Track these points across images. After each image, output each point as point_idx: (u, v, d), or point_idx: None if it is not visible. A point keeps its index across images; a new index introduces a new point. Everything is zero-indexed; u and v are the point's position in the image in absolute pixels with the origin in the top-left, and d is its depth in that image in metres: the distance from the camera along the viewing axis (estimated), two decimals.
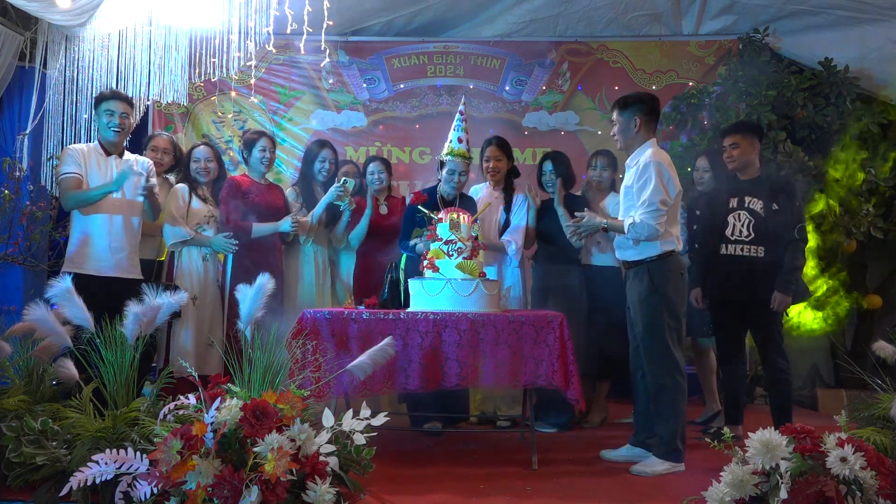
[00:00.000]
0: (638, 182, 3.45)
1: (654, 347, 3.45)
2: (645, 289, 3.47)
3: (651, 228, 3.38)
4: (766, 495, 2.23)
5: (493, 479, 3.22)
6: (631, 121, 3.59)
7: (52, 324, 2.79)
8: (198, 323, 4.14)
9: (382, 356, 2.88)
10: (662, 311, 3.45)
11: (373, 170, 4.64)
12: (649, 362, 3.48)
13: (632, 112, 3.60)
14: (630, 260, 3.55)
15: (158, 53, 4.65)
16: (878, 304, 5.59)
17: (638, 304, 3.50)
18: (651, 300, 3.46)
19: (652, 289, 3.45)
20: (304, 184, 4.56)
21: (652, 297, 3.45)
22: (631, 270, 3.56)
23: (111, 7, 4.46)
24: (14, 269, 4.87)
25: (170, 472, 2.20)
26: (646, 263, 3.48)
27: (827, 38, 5.45)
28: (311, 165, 4.57)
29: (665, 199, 3.38)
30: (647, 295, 3.46)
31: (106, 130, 3.85)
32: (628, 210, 3.54)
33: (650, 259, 3.47)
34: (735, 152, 4.00)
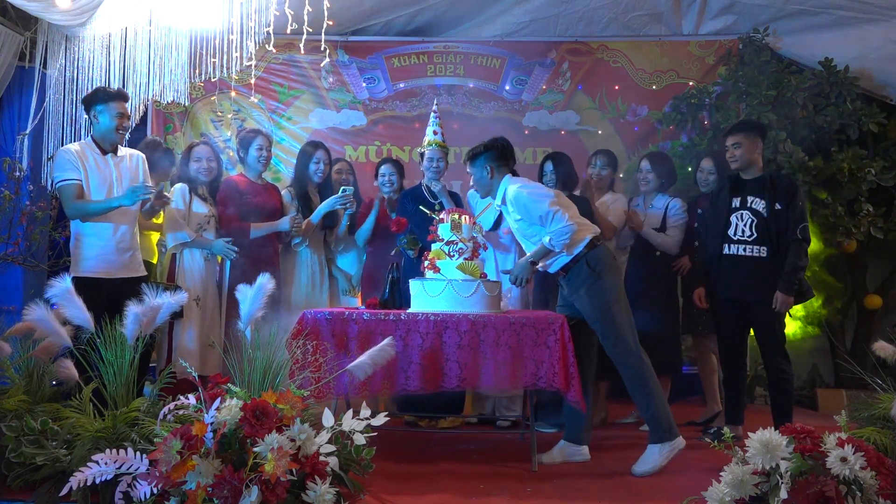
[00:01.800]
0: (521, 214, 3.59)
1: (610, 334, 3.50)
2: (586, 279, 3.53)
3: (566, 228, 3.48)
4: (766, 495, 2.23)
5: (493, 479, 3.22)
6: (483, 169, 3.72)
7: (52, 324, 2.80)
8: (200, 323, 4.14)
9: (382, 357, 2.89)
10: (608, 294, 3.51)
11: (384, 172, 4.63)
12: (610, 351, 3.52)
13: (481, 163, 3.73)
14: (566, 264, 3.59)
15: (158, 53, 4.64)
16: (878, 304, 5.59)
17: (586, 296, 3.53)
18: (595, 288, 3.52)
19: (594, 277, 3.52)
20: (299, 185, 4.56)
21: (595, 284, 3.52)
22: (569, 273, 3.60)
23: (111, 7, 4.46)
24: (14, 269, 4.87)
25: (170, 472, 2.20)
26: (581, 257, 3.54)
27: (827, 38, 5.45)
28: (305, 167, 4.56)
29: (552, 200, 3.53)
30: (591, 284, 3.52)
31: (112, 133, 3.77)
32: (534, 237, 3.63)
33: (582, 251, 3.54)
34: (738, 151, 3.99)
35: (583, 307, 3.57)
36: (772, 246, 3.90)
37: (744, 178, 4.05)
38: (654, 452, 3.42)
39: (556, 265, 3.64)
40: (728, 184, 4.10)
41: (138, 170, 3.93)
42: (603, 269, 3.53)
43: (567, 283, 3.64)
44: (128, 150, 3.96)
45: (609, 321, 3.50)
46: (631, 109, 5.90)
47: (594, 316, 3.54)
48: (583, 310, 3.58)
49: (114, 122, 3.76)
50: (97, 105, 3.78)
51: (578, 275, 3.55)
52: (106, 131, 3.78)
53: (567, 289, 3.66)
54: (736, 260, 3.97)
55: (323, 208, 4.39)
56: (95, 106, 3.78)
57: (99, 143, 3.81)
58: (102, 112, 3.77)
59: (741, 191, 4.02)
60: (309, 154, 4.58)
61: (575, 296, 3.60)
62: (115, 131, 3.78)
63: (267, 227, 4.30)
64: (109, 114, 3.76)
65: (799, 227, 3.85)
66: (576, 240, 3.53)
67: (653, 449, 3.43)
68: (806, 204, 3.96)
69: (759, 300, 3.90)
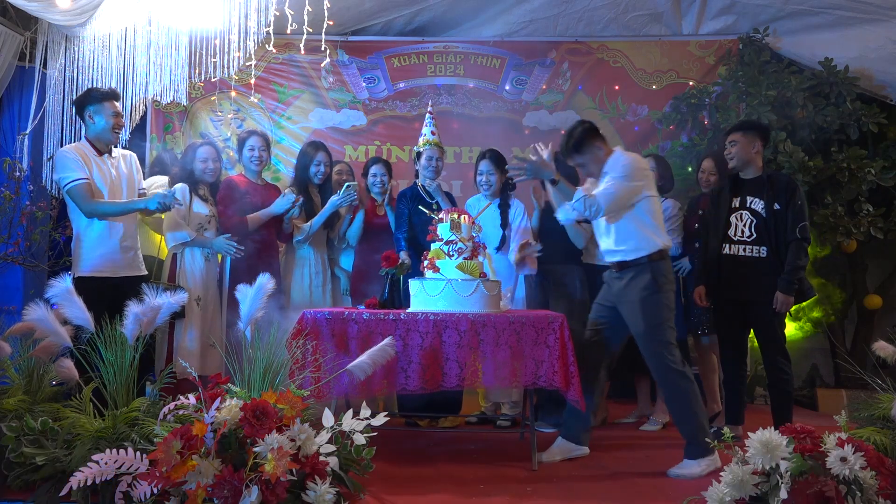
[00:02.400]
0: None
1: (659, 347, 3.42)
2: (646, 289, 3.43)
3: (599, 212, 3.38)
4: (766, 495, 2.23)
5: (493, 479, 3.22)
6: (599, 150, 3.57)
7: (51, 324, 2.79)
8: (202, 323, 4.14)
9: (382, 356, 2.89)
10: (663, 311, 3.43)
11: (375, 172, 4.65)
12: (655, 364, 3.45)
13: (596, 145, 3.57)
14: (627, 259, 3.50)
15: (158, 53, 4.64)
16: (878, 304, 5.59)
17: (639, 307, 3.44)
18: (652, 301, 3.42)
19: (654, 289, 3.42)
20: (300, 187, 4.55)
21: (653, 297, 3.42)
22: (627, 270, 3.50)
23: (111, 7, 4.46)
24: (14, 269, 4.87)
25: (170, 472, 2.20)
26: (646, 262, 3.44)
27: (827, 38, 5.45)
28: (305, 169, 4.56)
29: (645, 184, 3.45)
30: (649, 295, 3.43)
31: (108, 133, 3.77)
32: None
33: (650, 257, 3.44)
34: (733, 149, 3.99)
35: (632, 315, 3.48)
36: (771, 246, 3.90)
37: (743, 178, 4.04)
38: (690, 465, 3.36)
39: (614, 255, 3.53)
40: (728, 184, 4.10)
41: (133, 169, 3.94)
42: (664, 282, 3.44)
43: (619, 283, 3.53)
44: (120, 150, 3.96)
45: (658, 337, 3.42)
46: (631, 109, 5.90)
47: (644, 329, 3.44)
48: (631, 317, 3.49)
49: (109, 122, 3.76)
50: (90, 106, 3.76)
51: (638, 282, 3.44)
52: (102, 131, 3.78)
53: (616, 288, 3.55)
54: (736, 260, 3.97)
55: (327, 210, 4.39)
56: (88, 107, 3.77)
57: (94, 144, 3.80)
58: (97, 112, 3.76)
59: (740, 191, 4.02)
60: (309, 155, 4.58)
61: (625, 300, 3.49)
62: (111, 131, 3.78)
63: (263, 214, 4.31)
64: (104, 114, 3.76)
65: (798, 227, 3.84)
66: (646, 239, 3.44)
67: (689, 463, 3.37)
68: (805, 203, 3.95)
69: (759, 300, 3.90)
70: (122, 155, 3.93)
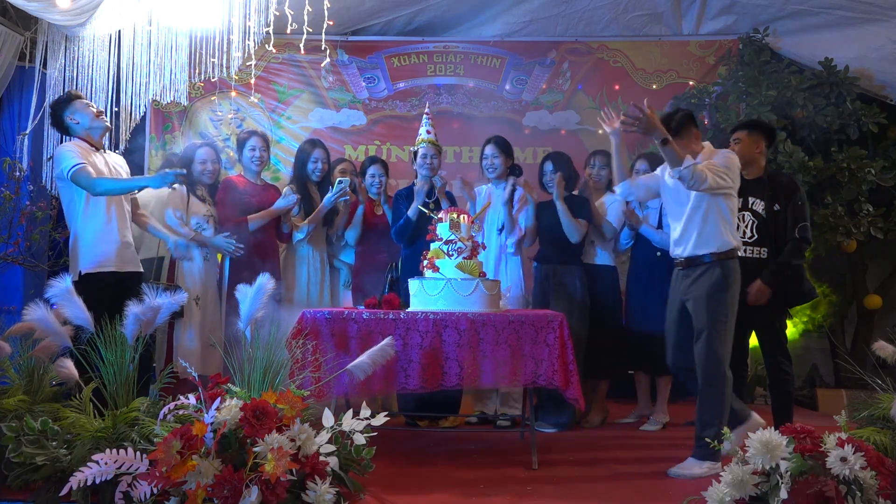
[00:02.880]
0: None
1: (714, 345, 3.39)
2: (714, 285, 3.41)
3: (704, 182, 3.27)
4: (766, 495, 2.22)
5: (493, 479, 3.22)
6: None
7: (51, 324, 2.80)
8: (201, 323, 4.14)
9: (382, 356, 2.89)
10: (727, 308, 3.42)
11: (373, 172, 4.66)
12: (705, 360, 3.40)
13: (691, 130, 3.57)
14: (696, 255, 3.46)
15: (158, 53, 4.64)
16: (878, 304, 5.59)
17: (704, 299, 3.41)
18: (718, 298, 3.41)
19: (722, 286, 3.40)
20: (299, 184, 4.57)
21: (720, 294, 3.41)
22: (697, 267, 3.46)
23: (111, 7, 4.46)
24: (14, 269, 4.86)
25: (170, 472, 2.20)
26: (717, 260, 3.42)
27: (827, 38, 5.45)
28: (304, 166, 4.58)
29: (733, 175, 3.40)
30: (716, 292, 3.41)
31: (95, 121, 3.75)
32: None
33: (721, 254, 3.43)
34: (736, 147, 3.97)
35: (697, 309, 3.46)
36: (772, 247, 3.90)
37: (744, 178, 4.03)
38: (692, 464, 3.34)
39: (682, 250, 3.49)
40: None
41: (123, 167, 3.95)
42: (732, 281, 3.44)
43: (687, 279, 3.51)
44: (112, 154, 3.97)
45: (716, 334, 3.40)
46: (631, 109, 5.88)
47: (706, 323, 3.41)
48: (696, 311, 3.46)
49: (90, 113, 3.74)
50: (65, 112, 3.74)
51: (707, 278, 3.42)
52: (89, 125, 3.75)
53: (684, 284, 3.53)
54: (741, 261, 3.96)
55: (324, 207, 4.40)
56: (64, 113, 3.74)
57: (87, 141, 3.77)
58: (74, 112, 3.73)
59: (742, 191, 4.01)
60: (307, 153, 4.60)
61: (693, 296, 3.47)
62: (96, 119, 3.75)
63: (264, 214, 4.32)
64: (80, 110, 3.73)
65: (798, 227, 3.83)
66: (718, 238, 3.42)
67: (692, 462, 3.35)
68: (806, 204, 3.94)
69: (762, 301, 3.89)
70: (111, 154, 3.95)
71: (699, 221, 3.44)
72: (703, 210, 3.43)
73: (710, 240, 3.42)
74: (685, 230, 3.49)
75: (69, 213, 3.78)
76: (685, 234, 3.49)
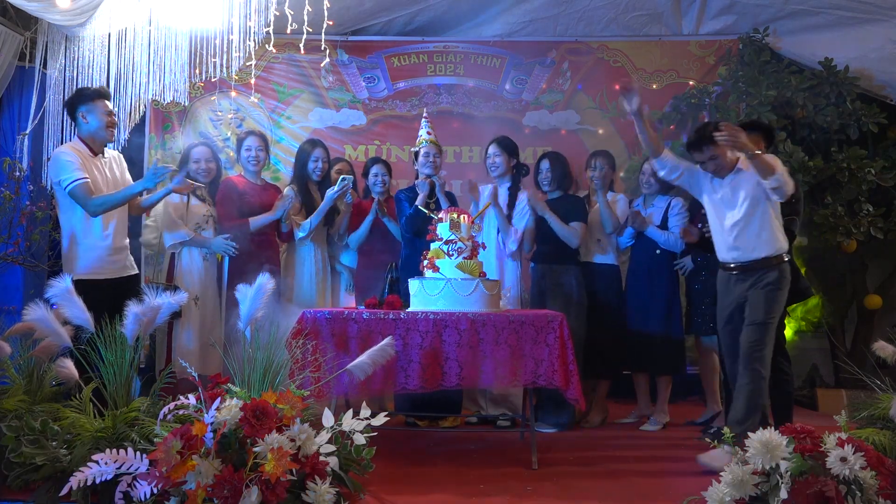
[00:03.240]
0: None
1: (760, 342, 3.47)
2: (771, 283, 3.51)
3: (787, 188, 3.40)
4: (766, 495, 2.23)
5: (493, 479, 3.22)
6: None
7: (51, 324, 2.79)
8: (200, 323, 4.14)
9: (382, 356, 2.89)
10: (779, 307, 3.53)
11: (376, 172, 4.67)
12: (750, 352, 3.46)
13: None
14: (759, 258, 3.54)
15: (158, 53, 4.64)
16: (878, 304, 5.59)
17: (763, 298, 3.51)
18: (774, 296, 3.51)
19: (779, 286, 3.52)
20: (300, 184, 4.58)
21: (775, 293, 3.52)
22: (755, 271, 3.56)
23: (111, 7, 4.46)
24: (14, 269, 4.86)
25: (170, 472, 2.20)
26: (776, 263, 3.53)
27: (827, 38, 5.45)
28: (304, 166, 4.59)
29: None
30: (772, 290, 3.51)
31: (102, 131, 3.73)
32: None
33: (778, 258, 3.54)
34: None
35: (755, 307, 3.54)
36: None
37: None
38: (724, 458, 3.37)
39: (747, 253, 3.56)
40: None
41: (123, 170, 3.93)
42: (786, 283, 3.56)
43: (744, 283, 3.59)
44: (109, 151, 3.93)
45: (767, 330, 3.50)
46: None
47: (760, 319, 3.50)
48: (752, 308, 3.54)
49: (103, 121, 3.72)
50: (82, 106, 3.73)
51: (764, 276, 3.53)
52: (96, 131, 3.73)
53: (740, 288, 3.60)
54: None
55: (325, 205, 4.40)
56: (80, 107, 3.73)
57: (88, 144, 3.75)
58: (90, 112, 3.72)
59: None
60: (307, 152, 4.61)
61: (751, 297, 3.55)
62: (105, 129, 3.74)
63: (264, 217, 4.32)
64: (97, 112, 3.72)
65: (785, 219, 3.86)
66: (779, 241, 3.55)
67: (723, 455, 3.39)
68: (802, 202, 3.96)
69: None
70: (112, 156, 3.91)
71: (756, 226, 3.54)
72: (758, 215, 3.53)
73: (767, 244, 3.53)
74: (740, 235, 3.57)
75: (63, 216, 3.75)
76: (741, 239, 3.57)
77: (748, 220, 3.55)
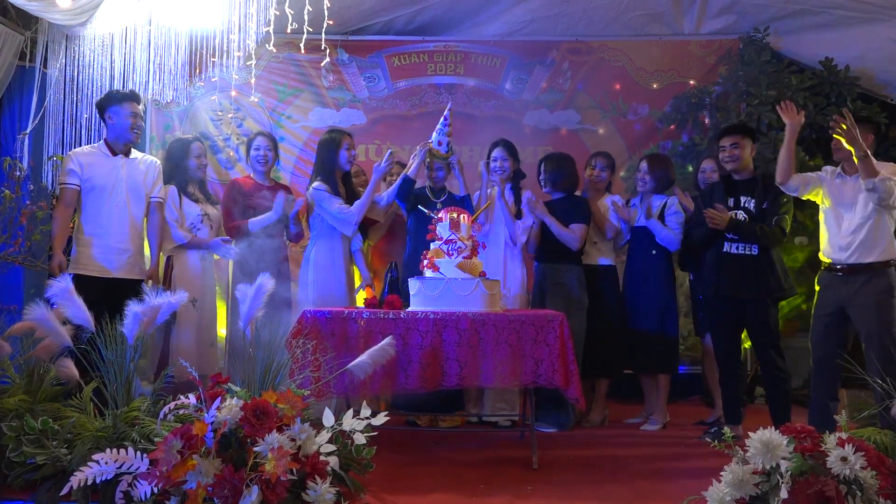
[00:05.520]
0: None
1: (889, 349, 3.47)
2: (882, 291, 3.56)
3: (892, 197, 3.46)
4: (767, 495, 2.22)
5: (493, 479, 3.22)
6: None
7: (52, 323, 2.79)
8: (198, 324, 4.12)
9: (382, 356, 2.89)
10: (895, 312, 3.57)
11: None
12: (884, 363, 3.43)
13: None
14: (869, 262, 3.60)
15: (159, 53, 4.63)
16: None
17: (874, 307, 3.56)
18: (888, 304, 3.56)
19: (890, 293, 3.56)
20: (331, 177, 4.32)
21: (888, 300, 3.56)
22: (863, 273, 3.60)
23: (111, 7, 4.46)
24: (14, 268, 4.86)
25: (170, 471, 2.20)
26: (884, 268, 3.58)
27: (827, 38, 5.45)
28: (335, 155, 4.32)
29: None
30: (884, 298, 3.56)
31: (127, 133, 3.88)
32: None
33: (888, 263, 3.59)
34: (736, 152, 4.03)
35: (866, 315, 3.58)
36: (761, 243, 3.95)
37: (736, 179, 4.09)
38: None
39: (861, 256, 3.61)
40: (721, 185, 4.15)
41: (149, 174, 3.97)
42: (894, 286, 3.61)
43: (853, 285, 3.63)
44: (143, 156, 4.07)
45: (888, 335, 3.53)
46: (632, 108, 5.90)
47: (879, 328, 3.54)
48: (864, 318, 3.59)
49: (128, 122, 3.88)
50: (111, 107, 3.88)
51: (876, 283, 3.58)
52: (121, 132, 3.89)
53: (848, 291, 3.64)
54: (730, 258, 4.02)
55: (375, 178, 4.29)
56: (109, 108, 3.88)
57: (112, 146, 3.90)
58: (117, 113, 3.87)
59: (735, 191, 4.08)
60: (337, 141, 4.35)
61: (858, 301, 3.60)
62: (130, 131, 3.89)
63: (263, 218, 4.24)
64: (124, 114, 3.87)
65: (775, 219, 3.93)
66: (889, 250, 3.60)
67: None
68: (791, 201, 3.99)
69: (752, 297, 3.96)
70: (143, 158, 4.04)
71: (876, 231, 3.60)
72: (873, 220, 3.60)
73: (883, 248, 3.59)
74: (855, 238, 3.63)
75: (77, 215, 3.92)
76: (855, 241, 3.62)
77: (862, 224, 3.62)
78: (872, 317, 3.55)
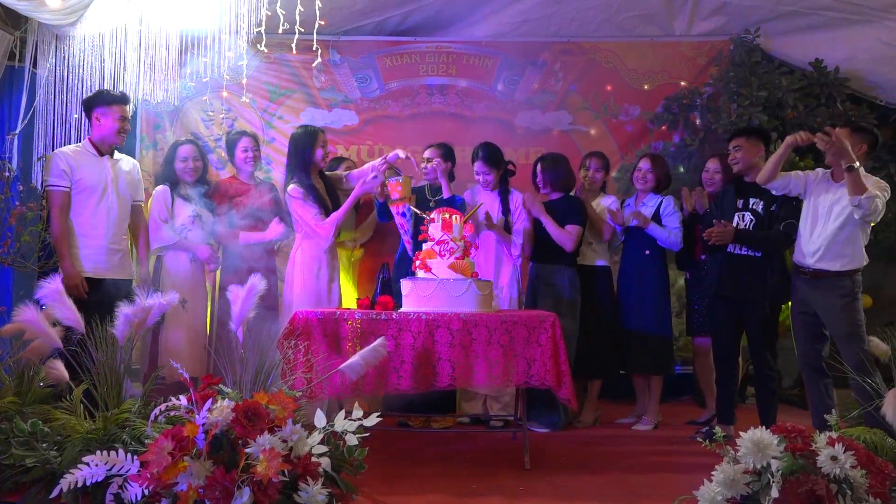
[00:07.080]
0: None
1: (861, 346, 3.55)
2: (846, 295, 3.69)
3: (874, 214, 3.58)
4: (758, 494, 2.23)
5: (486, 479, 3.22)
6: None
7: (41, 325, 2.78)
8: (188, 325, 4.10)
9: (375, 357, 2.88)
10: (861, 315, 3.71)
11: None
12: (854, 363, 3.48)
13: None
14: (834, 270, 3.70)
15: (149, 53, 4.60)
16: (868, 304, 5.60)
17: (842, 310, 3.69)
18: (852, 306, 3.70)
19: (853, 296, 3.69)
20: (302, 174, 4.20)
21: (852, 303, 3.70)
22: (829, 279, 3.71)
23: (101, 6, 4.43)
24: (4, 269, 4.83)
25: (161, 473, 2.19)
26: (850, 273, 3.70)
27: (817, 39, 5.47)
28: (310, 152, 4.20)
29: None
30: (849, 301, 3.69)
31: (113, 135, 3.86)
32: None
33: (856, 269, 3.71)
34: (738, 154, 4.11)
35: (833, 317, 3.70)
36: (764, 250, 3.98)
37: (746, 181, 4.13)
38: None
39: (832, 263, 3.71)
40: (732, 186, 4.20)
41: (133, 174, 3.95)
42: (860, 292, 3.73)
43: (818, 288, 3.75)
44: (127, 157, 4.06)
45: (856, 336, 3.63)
46: (623, 109, 5.91)
47: (847, 330, 3.66)
48: (833, 319, 3.72)
49: (116, 126, 3.85)
50: (99, 108, 3.85)
51: (839, 287, 3.70)
52: (107, 134, 3.86)
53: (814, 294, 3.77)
54: (734, 258, 4.06)
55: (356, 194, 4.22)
56: (97, 108, 3.85)
57: (97, 146, 3.85)
58: (104, 114, 3.84)
59: (744, 192, 4.11)
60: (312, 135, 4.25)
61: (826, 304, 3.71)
62: (117, 134, 3.86)
63: (256, 238, 4.21)
64: (112, 116, 3.84)
65: (784, 223, 3.94)
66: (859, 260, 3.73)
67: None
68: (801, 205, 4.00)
69: (752, 298, 3.99)
70: (126, 161, 4.03)
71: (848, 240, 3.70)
72: (847, 231, 3.68)
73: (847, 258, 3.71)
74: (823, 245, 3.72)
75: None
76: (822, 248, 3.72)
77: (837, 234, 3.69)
78: (840, 319, 3.66)
